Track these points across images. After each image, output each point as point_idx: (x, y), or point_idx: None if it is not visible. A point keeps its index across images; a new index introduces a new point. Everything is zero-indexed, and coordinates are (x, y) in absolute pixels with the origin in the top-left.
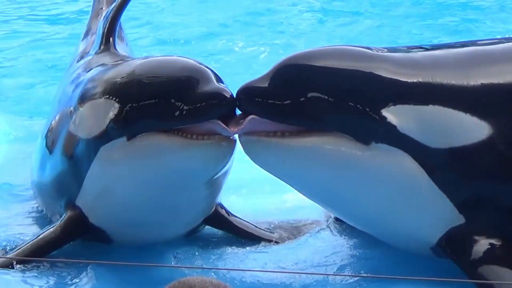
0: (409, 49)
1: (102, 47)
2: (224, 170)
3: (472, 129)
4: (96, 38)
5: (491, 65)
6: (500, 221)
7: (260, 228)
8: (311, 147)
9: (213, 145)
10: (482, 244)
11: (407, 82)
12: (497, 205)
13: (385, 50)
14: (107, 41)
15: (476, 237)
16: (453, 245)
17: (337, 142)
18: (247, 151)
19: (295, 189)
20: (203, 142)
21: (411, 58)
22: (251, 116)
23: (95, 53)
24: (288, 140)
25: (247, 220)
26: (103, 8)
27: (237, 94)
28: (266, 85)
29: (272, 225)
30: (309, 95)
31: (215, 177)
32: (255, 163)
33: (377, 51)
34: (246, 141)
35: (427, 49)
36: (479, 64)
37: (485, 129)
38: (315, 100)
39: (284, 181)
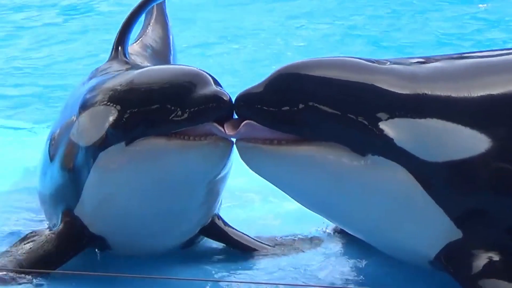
0: (410, 61)
1: (112, 55)
2: (222, 174)
3: (470, 142)
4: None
5: (491, 77)
6: (498, 235)
7: (256, 240)
8: (307, 156)
9: (210, 145)
10: (480, 258)
11: (405, 95)
12: (495, 220)
13: (386, 62)
14: (117, 49)
15: (474, 251)
16: (452, 260)
17: (333, 152)
18: (243, 157)
19: (291, 197)
20: (200, 142)
21: (411, 70)
22: (247, 121)
23: (106, 62)
24: (284, 148)
25: (243, 232)
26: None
27: (236, 100)
28: (265, 92)
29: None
30: (307, 104)
31: (214, 180)
32: (251, 169)
33: (377, 63)
34: (242, 147)
35: (426, 61)
36: (478, 76)
37: (483, 142)
38: (313, 110)
39: (279, 189)
